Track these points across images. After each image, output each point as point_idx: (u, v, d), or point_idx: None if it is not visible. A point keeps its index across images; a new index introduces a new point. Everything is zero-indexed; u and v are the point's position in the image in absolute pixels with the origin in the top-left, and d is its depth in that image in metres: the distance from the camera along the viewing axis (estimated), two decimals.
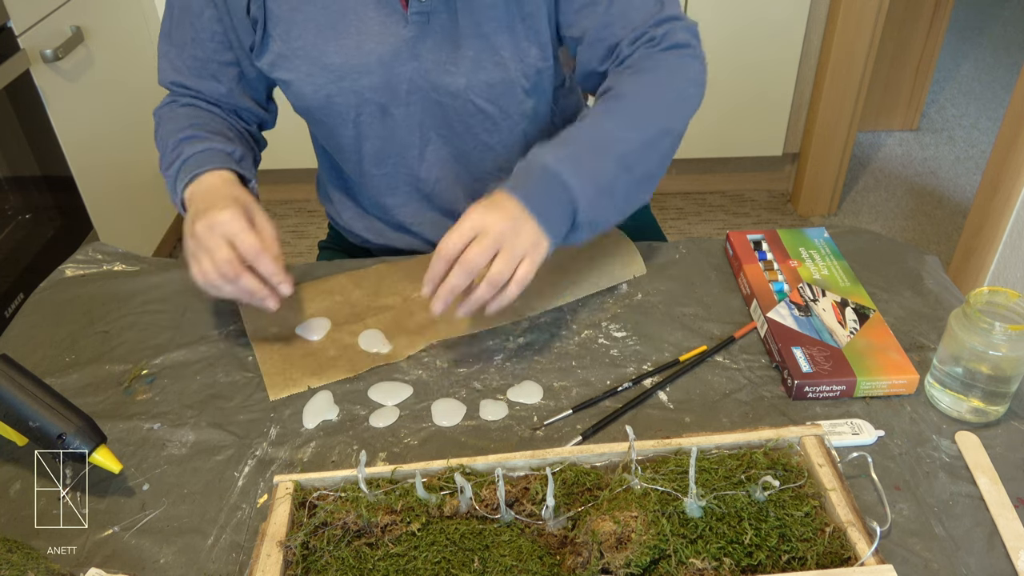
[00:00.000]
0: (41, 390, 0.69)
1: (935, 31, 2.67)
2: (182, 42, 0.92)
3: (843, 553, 0.58)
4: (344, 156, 0.99)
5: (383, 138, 0.95)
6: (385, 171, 0.99)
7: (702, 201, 2.60)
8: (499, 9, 0.87)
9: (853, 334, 0.80)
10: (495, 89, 0.91)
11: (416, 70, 0.89)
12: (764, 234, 0.95)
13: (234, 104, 0.96)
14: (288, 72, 0.90)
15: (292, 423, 0.76)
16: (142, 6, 2.12)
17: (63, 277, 0.98)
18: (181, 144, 0.88)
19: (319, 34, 0.87)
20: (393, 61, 0.88)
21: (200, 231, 0.76)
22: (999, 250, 1.71)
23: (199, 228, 0.76)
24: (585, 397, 0.77)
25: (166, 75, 0.95)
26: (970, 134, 2.90)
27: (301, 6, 0.87)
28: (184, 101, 0.95)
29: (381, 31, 0.87)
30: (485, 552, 0.60)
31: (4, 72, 1.53)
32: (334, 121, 0.94)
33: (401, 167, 0.98)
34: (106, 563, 0.64)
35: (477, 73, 0.89)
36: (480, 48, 0.88)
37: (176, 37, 0.92)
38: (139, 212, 2.12)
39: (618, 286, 0.92)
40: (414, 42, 0.87)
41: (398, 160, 0.97)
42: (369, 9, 0.87)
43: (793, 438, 0.67)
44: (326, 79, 0.89)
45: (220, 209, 0.77)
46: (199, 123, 0.90)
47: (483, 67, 0.89)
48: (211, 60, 0.92)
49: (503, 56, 0.89)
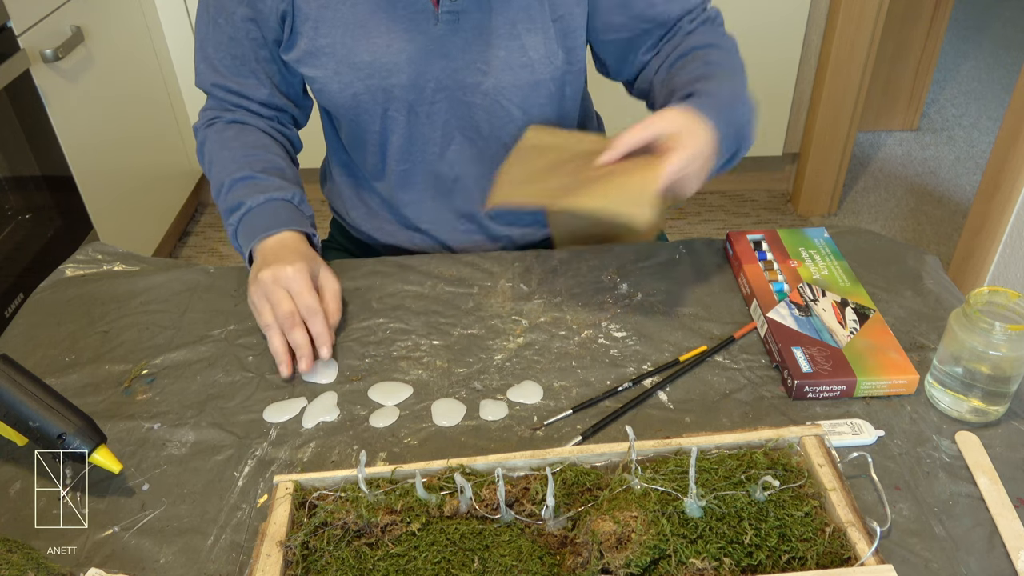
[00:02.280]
0: (41, 390, 0.69)
1: (935, 31, 2.67)
2: (219, 42, 0.92)
3: (843, 553, 0.58)
4: (366, 151, 1.00)
5: (407, 136, 0.95)
6: (405, 167, 0.99)
7: (702, 201, 2.60)
8: (533, 10, 0.87)
9: (853, 334, 0.80)
10: (522, 91, 0.91)
11: (444, 69, 0.89)
12: (764, 234, 0.95)
13: (276, 106, 0.97)
14: (315, 69, 0.90)
15: (292, 423, 0.76)
16: (142, 6, 2.12)
17: (63, 277, 0.98)
18: (236, 187, 0.90)
19: (348, 32, 0.88)
20: (422, 60, 0.88)
21: (265, 279, 0.81)
22: (999, 250, 1.71)
23: (264, 276, 0.82)
24: (585, 397, 0.78)
25: (206, 78, 0.95)
26: (970, 134, 2.90)
27: (331, 3, 0.87)
28: (229, 118, 0.96)
29: (411, 29, 0.87)
30: (485, 552, 0.60)
31: (4, 72, 1.53)
32: (360, 118, 0.94)
33: (421, 163, 0.99)
34: (106, 563, 0.64)
35: (506, 74, 0.90)
36: (511, 49, 0.89)
37: (213, 38, 0.92)
38: (139, 212, 2.12)
39: (618, 286, 0.92)
40: (443, 41, 0.88)
41: (419, 156, 0.98)
42: (399, 8, 0.87)
43: (793, 438, 0.67)
44: (354, 77, 0.89)
45: (287, 264, 0.82)
46: (252, 158, 0.92)
47: (512, 68, 0.89)
48: (250, 58, 0.92)
49: (532, 58, 0.89)
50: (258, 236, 0.87)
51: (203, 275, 0.97)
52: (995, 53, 3.51)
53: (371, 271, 0.96)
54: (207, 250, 2.43)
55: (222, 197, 0.92)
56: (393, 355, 0.84)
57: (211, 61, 0.94)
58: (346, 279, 0.95)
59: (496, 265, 0.96)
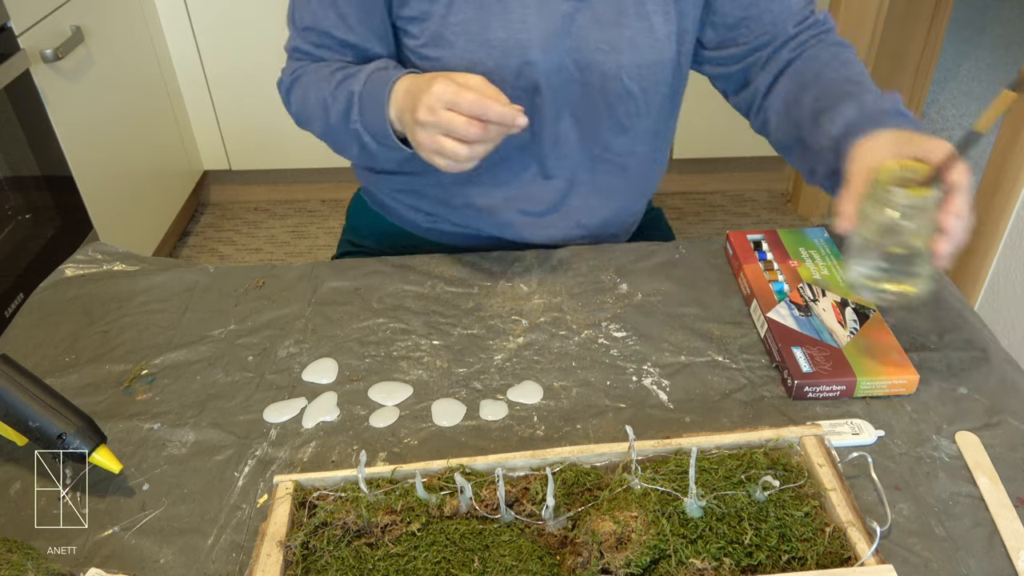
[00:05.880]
0: (41, 390, 0.69)
1: (935, 31, 2.67)
2: (305, 16, 0.89)
3: (843, 553, 0.58)
4: None
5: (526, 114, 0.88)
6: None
7: (702, 201, 2.60)
8: None
9: (853, 334, 0.80)
10: (646, 71, 0.91)
11: (567, 49, 0.88)
12: (764, 234, 0.95)
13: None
14: (441, 49, 0.87)
15: (292, 423, 0.76)
16: (142, 6, 2.12)
17: (63, 277, 0.98)
18: (338, 91, 0.86)
19: (482, 8, 0.86)
20: (553, 38, 0.87)
21: (423, 117, 0.75)
22: (999, 250, 1.71)
23: (422, 115, 0.75)
24: (585, 397, 0.78)
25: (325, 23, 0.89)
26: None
27: None
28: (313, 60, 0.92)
29: (542, 6, 0.86)
30: (485, 552, 0.60)
31: (4, 72, 1.53)
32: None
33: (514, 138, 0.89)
34: (106, 563, 0.64)
35: (632, 53, 0.89)
36: (639, 29, 0.88)
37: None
38: (139, 212, 2.12)
39: (618, 285, 0.92)
40: (571, 19, 0.87)
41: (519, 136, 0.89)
42: None
43: (793, 438, 0.67)
44: (486, 54, 0.87)
45: (427, 91, 0.75)
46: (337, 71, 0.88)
47: (639, 47, 0.89)
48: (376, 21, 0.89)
49: (659, 37, 0.89)
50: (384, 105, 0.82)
51: (203, 275, 0.97)
52: (995, 53, 3.51)
53: (371, 271, 0.96)
54: (207, 250, 2.43)
55: (331, 114, 0.88)
56: (393, 355, 0.84)
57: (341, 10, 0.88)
58: (346, 279, 0.95)
59: (496, 265, 0.96)
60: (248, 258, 2.39)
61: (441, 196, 1.02)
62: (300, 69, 0.93)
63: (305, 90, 0.91)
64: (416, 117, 0.76)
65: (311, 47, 0.92)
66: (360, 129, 0.86)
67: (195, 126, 2.39)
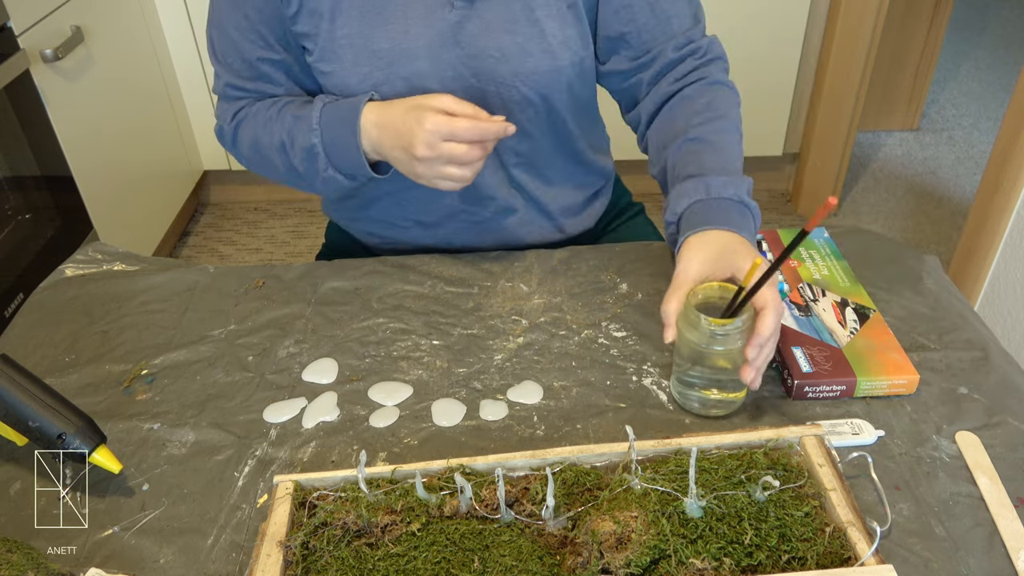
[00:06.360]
0: (41, 390, 0.69)
1: (935, 31, 2.67)
2: (227, 49, 0.92)
3: (843, 553, 0.58)
4: None
5: None
6: None
7: None
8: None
9: (853, 334, 0.80)
10: (543, 77, 0.91)
11: (459, 56, 0.89)
12: (764, 234, 0.95)
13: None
14: (331, 63, 0.89)
15: (292, 423, 0.76)
16: (142, 6, 2.12)
17: (63, 277, 0.98)
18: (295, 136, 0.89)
19: (365, 20, 0.87)
20: (439, 47, 0.88)
21: (423, 153, 0.80)
22: (999, 250, 1.71)
23: (421, 152, 0.80)
24: (585, 397, 0.78)
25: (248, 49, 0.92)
26: (970, 134, 2.90)
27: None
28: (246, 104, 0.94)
29: (427, 16, 0.87)
30: (485, 552, 0.60)
31: (4, 72, 1.53)
32: None
33: None
34: (106, 563, 0.64)
35: (524, 61, 0.89)
36: (529, 35, 0.88)
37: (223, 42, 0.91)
38: (139, 212, 2.12)
39: (618, 286, 0.92)
40: (458, 28, 0.87)
41: None
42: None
43: (793, 438, 0.67)
44: (373, 66, 0.88)
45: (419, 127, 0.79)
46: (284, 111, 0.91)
47: (531, 54, 0.89)
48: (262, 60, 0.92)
49: (551, 44, 0.89)
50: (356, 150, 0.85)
51: (203, 275, 0.97)
52: (995, 53, 3.51)
53: (371, 271, 0.96)
54: (207, 250, 2.43)
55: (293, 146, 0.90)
56: (393, 355, 0.84)
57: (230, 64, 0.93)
58: (346, 279, 0.95)
59: (496, 265, 0.96)
60: (248, 258, 2.39)
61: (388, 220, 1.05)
62: (241, 113, 0.95)
63: (255, 136, 0.94)
64: (415, 155, 0.81)
65: (243, 80, 0.94)
66: (333, 175, 0.89)
67: (195, 126, 2.39)
